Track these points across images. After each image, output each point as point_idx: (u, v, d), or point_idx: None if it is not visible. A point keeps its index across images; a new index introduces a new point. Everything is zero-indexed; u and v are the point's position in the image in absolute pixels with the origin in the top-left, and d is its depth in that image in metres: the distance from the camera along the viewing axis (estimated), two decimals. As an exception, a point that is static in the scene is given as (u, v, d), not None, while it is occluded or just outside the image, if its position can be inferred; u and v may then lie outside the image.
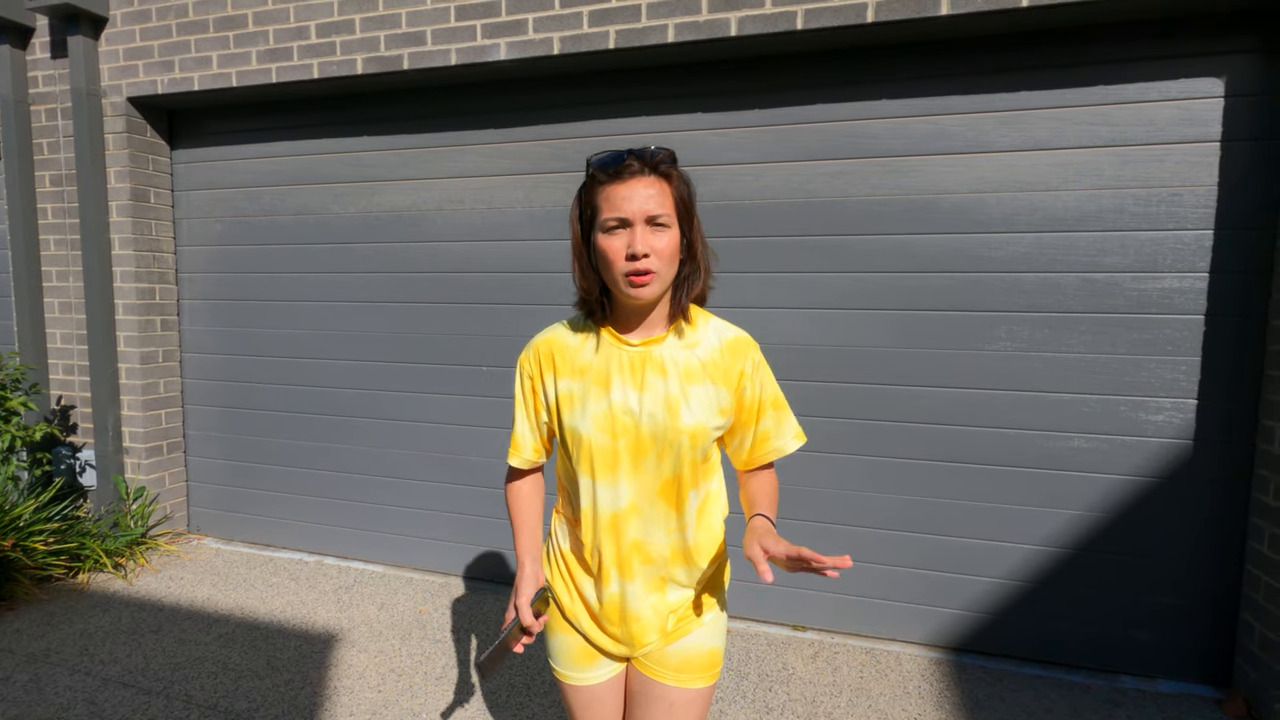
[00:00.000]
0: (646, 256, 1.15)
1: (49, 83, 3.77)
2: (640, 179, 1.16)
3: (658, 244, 1.16)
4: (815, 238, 2.88)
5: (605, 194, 1.17)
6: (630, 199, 1.15)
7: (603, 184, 1.17)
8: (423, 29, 3.09)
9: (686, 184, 1.23)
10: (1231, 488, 2.52)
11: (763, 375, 1.29)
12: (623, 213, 1.15)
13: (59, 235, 3.84)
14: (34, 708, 2.40)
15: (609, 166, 1.17)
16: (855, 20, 2.55)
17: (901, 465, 2.85)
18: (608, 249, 1.17)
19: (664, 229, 1.17)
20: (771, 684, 2.60)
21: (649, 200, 1.15)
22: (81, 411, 3.90)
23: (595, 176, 1.19)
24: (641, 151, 1.17)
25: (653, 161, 1.17)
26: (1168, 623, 2.62)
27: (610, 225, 1.16)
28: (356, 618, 3.08)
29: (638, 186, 1.15)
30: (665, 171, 1.18)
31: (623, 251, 1.16)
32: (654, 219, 1.16)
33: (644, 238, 1.15)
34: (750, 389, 1.28)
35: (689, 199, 1.23)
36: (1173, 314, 2.54)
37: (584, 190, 1.23)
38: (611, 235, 1.17)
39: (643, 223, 1.15)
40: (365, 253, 3.56)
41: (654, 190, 1.16)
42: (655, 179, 1.17)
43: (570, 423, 1.26)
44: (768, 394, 1.30)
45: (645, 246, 1.15)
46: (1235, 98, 2.43)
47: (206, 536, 4.04)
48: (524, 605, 1.25)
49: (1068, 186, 2.60)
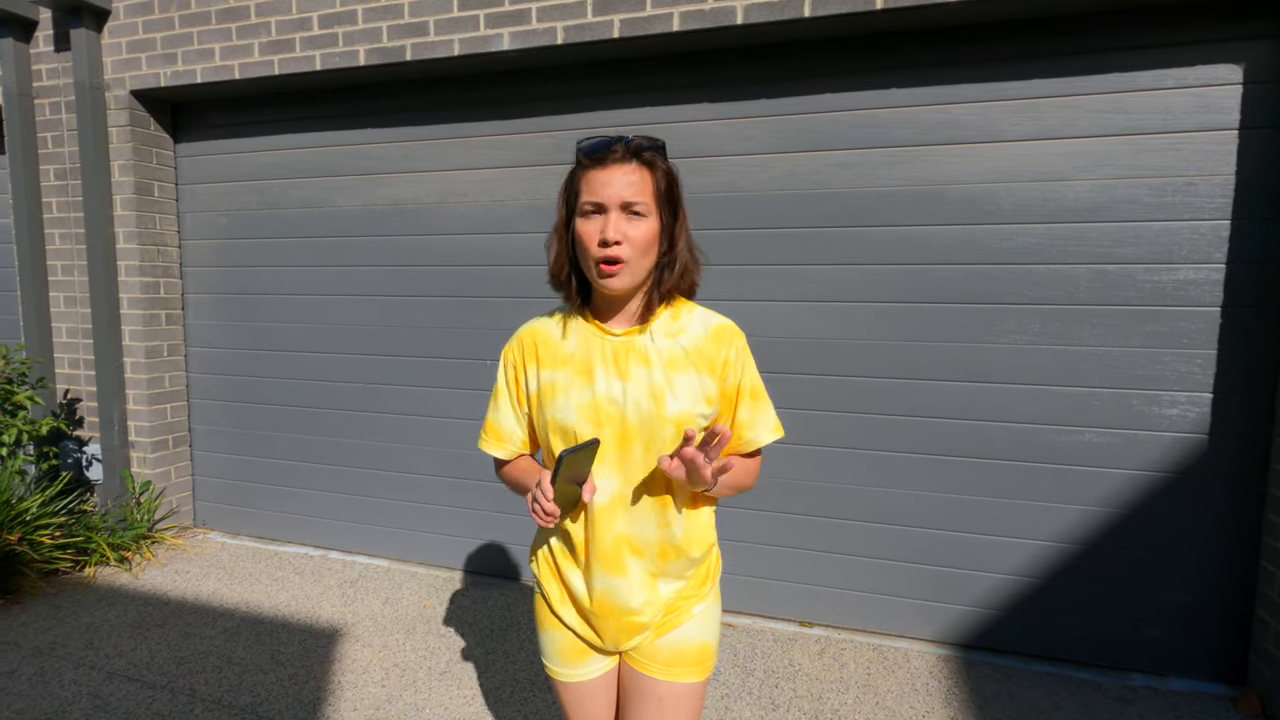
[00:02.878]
0: (618, 244, 1.14)
1: (52, 76, 3.76)
2: (621, 165, 1.16)
3: (632, 232, 1.16)
4: (823, 229, 2.84)
5: (587, 178, 1.17)
6: (608, 184, 1.15)
7: (586, 169, 1.18)
8: (425, 19, 3.06)
9: (672, 176, 1.22)
10: (1246, 483, 2.48)
11: (745, 363, 1.27)
12: (599, 197, 1.15)
13: (64, 229, 3.83)
14: (39, 701, 2.40)
15: (593, 152, 1.17)
16: (864, 7, 2.50)
17: (909, 460, 2.82)
18: (582, 233, 1.17)
19: (640, 218, 1.16)
20: (778, 680, 2.58)
21: (627, 187, 1.15)
22: (87, 406, 3.90)
23: (580, 160, 1.19)
24: (628, 138, 1.17)
25: (634, 148, 1.17)
26: (1180, 620, 2.58)
27: (586, 209, 1.17)
28: (361, 612, 3.07)
29: (617, 172, 1.15)
30: (648, 160, 1.18)
31: (595, 236, 1.15)
32: (630, 206, 1.15)
33: (617, 224, 1.14)
34: (732, 376, 1.26)
35: (672, 190, 1.22)
36: (1188, 306, 2.49)
37: (571, 175, 1.23)
38: (587, 220, 1.17)
39: (618, 209, 1.15)
40: (369, 246, 3.54)
41: (634, 178, 1.15)
42: (636, 166, 1.16)
43: (553, 413, 1.25)
44: (746, 382, 1.28)
45: (617, 233, 1.14)
46: (1254, 84, 2.38)
47: (212, 531, 4.04)
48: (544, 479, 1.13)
49: (1080, 176, 2.55)
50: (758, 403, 1.29)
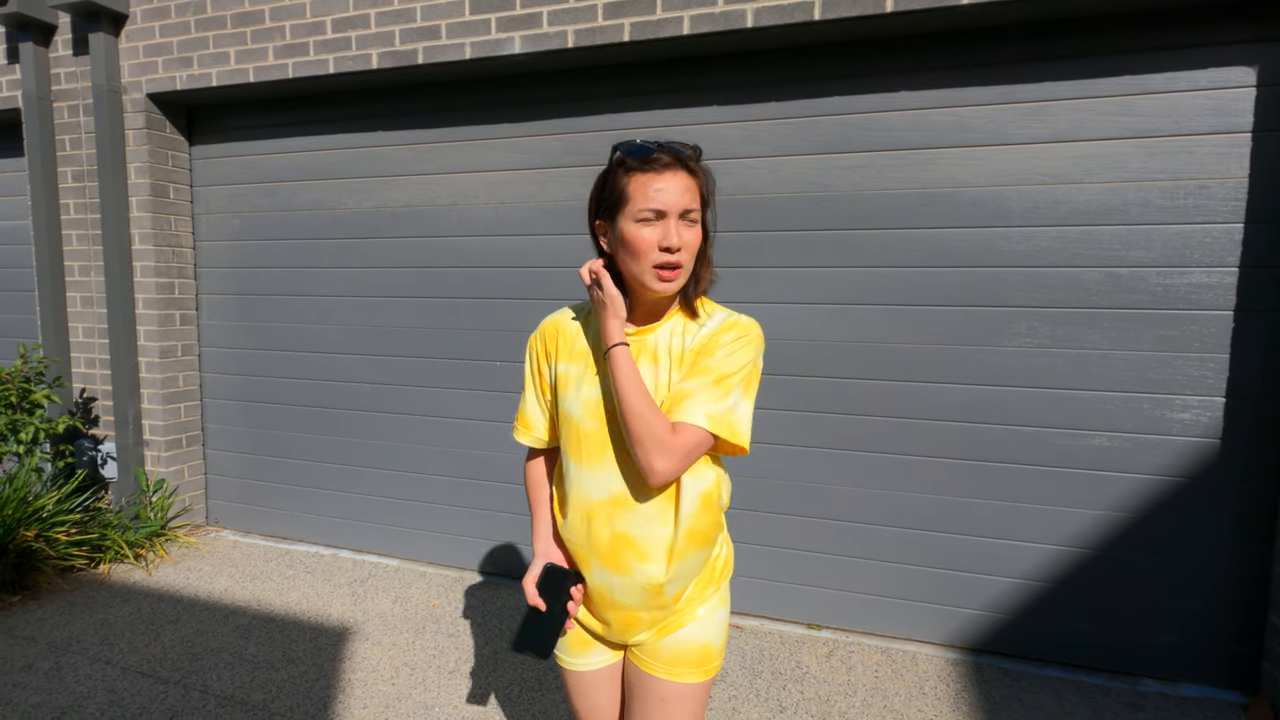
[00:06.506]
0: (680, 250, 1.17)
1: (71, 79, 3.81)
2: (675, 171, 1.17)
3: (689, 238, 1.18)
4: (831, 232, 2.85)
5: (638, 182, 1.16)
6: (666, 190, 1.15)
7: (633, 171, 1.17)
8: (437, 23, 3.09)
9: (711, 180, 1.24)
10: (1259, 487, 2.46)
11: (731, 350, 1.20)
12: (658, 204, 1.15)
13: (80, 231, 3.89)
14: (55, 695, 2.44)
15: (640, 154, 1.17)
16: (874, 10, 2.51)
17: (919, 463, 2.81)
18: (640, 239, 1.17)
19: (694, 224, 1.19)
20: (785, 682, 2.58)
21: (684, 194, 1.17)
22: (103, 404, 3.95)
23: (625, 162, 1.18)
24: (675, 145, 1.19)
25: (684, 156, 1.18)
26: (1191, 625, 2.56)
27: (644, 215, 1.16)
28: (371, 611, 3.10)
29: (673, 179, 1.16)
30: (694, 168, 1.20)
31: (655, 243, 1.16)
32: (687, 213, 1.17)
33: (679, 231, 1.17)
34: (712, 353, 1.21)
35: (712, 196, 1.24)
36: (1200, 310, 2.48)
37: (609, 176, 1.22)
38: (644, 225, 1.17)
39: (677, 216, 1.16)
40: (380, 248, 3.57)
41: (688, 184, 1.18)
42: (688, 174, 1.18)
43: (563, 406, 1.29)
44: (715, 364, 1.19)
45: (680, 240, 1.16)
46: (1268, 87, 2.36)
47: (224, 529, 4.08)
48: (526, 584, 1.31)
49: (1091, 179, 2.54)
50: (715, 388, 1.18)
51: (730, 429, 1.18)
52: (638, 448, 1.16)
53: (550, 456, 1.45)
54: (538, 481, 1.43)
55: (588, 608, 1.34)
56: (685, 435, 1.16)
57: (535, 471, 1.44)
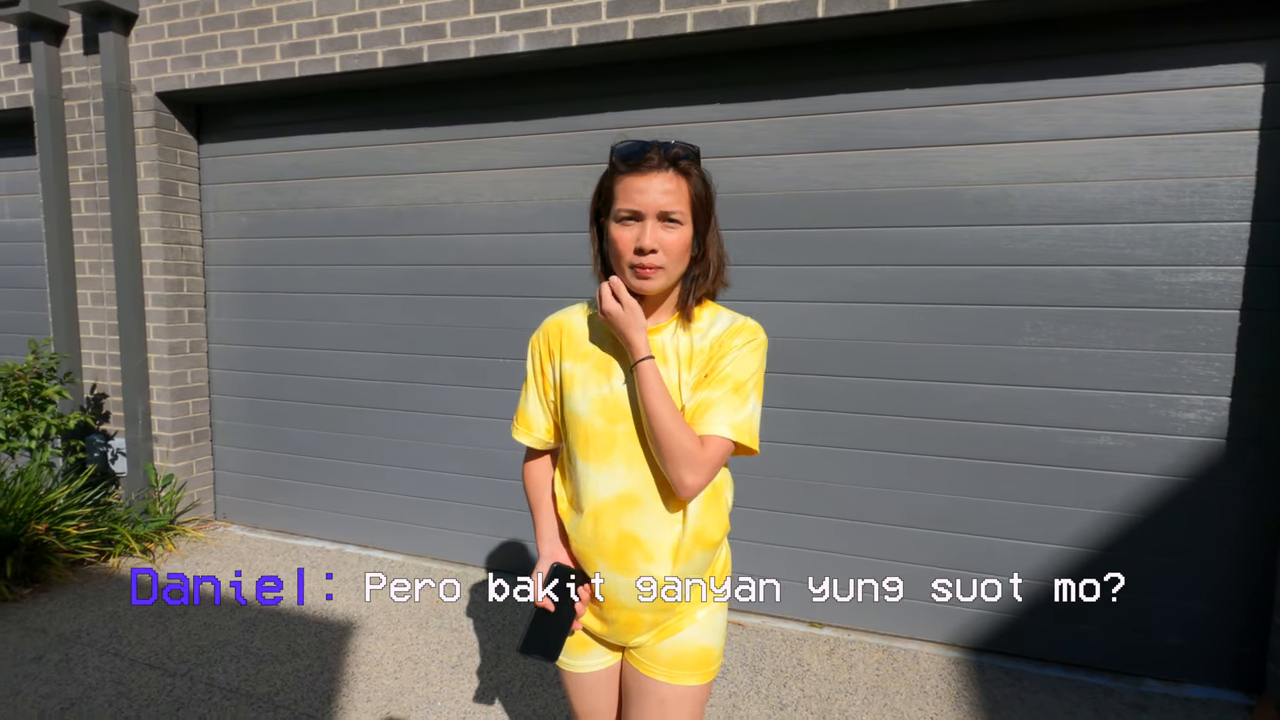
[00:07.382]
0: (654, 252, 1.16)
1: (81, 78, 3.85)
2: (658, 173, 1.16)
3: (667, 239, 1.17)
4: (835, 230, 2.84)
5: (623, 184, 1.18)
6: (645, 192, 1.16)
7: (621, 174, 1.18)
8: (442, 21, 3.10)
9: (705, 183, 1.23)
10: (1264, 487, 2.44)
11: (743, 355, 1.22)
12: (635, 205, 1.16)
13: (91, 228, 3.93)
14: (64, 687, 2.47)
15: (629, 157, 1.17)
16: (878, 7, 2.50)
17: (922, 462, 2.81)
18: (618, 239, 1.19)
19: (676, 225, 1.18)
20: (786, 680, 2.58)
21: (664, 196, 1.16)
22: (113, 400, 4.00)
23: (615, 165, 1.20)
24: (664, 145, 1.18)
25: (672, 156, 1.17)
26: (1195, 625, 2.55)
27: (622, 216, 1.18)
28: (375, 606, 3.12)
29: (654, 180, 1.16)
30: (684, 168, 1.19)
31: (632, 244, 1.17)
32: (666, 215, 1.16)
33: (654, 233, 1.16)
34: (724, 358, 1.22)
35: (706, 198, 1.23)
36: (1206, 309, 2.46)
37: (605, 177, 1.24)
38: (623, 226, 1.18)
39: (654, 217, 1.16)
40: (385, 245, 3.60)
41: (670, 186, 1.16)
42: (673, 175, 1.17)
43: (570, 404, 1.28)
44: (732, 370, 1.21)
45: (654, 242, 1.16)
46: (1275, 84, 2.34)
47: (232, 524, 4.12)
48: (533, 584, 1.30)
49: (1096, 177, 2.53)
50: (734, 395, 1.21)
51: (750, 435, 1.22)
52: (670, 464, 1.17)
53: (550, 457, 1.45)
54: (539, 482, 1.42)
55: (592, 608, 1.33)
56: (713, 448, 1.19)
57: (535, 472, 1.42)
